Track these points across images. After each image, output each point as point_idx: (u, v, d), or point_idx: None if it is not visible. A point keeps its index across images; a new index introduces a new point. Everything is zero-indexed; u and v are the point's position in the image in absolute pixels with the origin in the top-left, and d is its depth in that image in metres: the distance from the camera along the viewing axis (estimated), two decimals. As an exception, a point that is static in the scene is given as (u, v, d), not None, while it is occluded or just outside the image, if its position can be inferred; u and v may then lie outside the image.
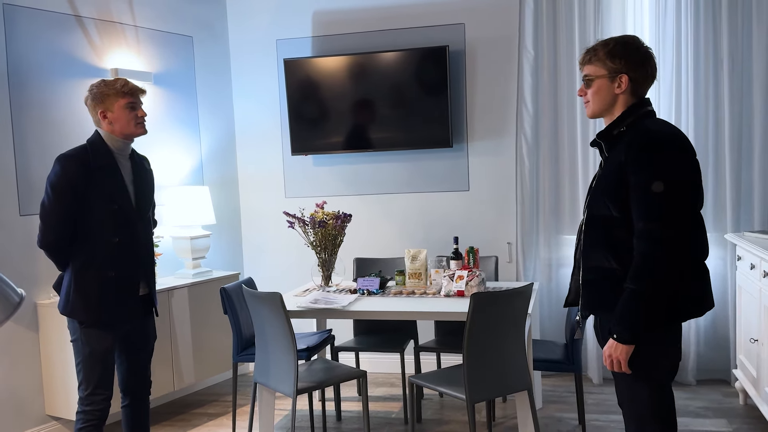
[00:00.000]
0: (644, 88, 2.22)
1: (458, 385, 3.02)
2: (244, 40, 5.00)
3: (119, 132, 2.79)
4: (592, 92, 2.22)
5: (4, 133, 3.61)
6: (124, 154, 2.85)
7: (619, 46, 2.18)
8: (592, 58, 2.21)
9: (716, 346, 4.33)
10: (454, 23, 4.59)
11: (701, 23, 4.14)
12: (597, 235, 2.19)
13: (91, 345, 2.76)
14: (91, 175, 2.71)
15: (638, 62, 2.18)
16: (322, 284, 3.89)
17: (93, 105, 2.78)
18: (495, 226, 4.60)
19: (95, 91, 2.78)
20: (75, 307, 2.75)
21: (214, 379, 4.74)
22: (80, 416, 2.79)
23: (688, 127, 4.20)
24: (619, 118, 2.19)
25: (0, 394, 3.59)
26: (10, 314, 1.28)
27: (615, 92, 2.19)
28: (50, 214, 2.71)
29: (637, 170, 2.06)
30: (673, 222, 2.02)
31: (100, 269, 2.75)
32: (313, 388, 3.28)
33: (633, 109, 2.19)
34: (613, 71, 2.17)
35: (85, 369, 2.78)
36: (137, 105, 2.81)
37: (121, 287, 2.81)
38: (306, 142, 4.79)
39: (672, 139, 2.09)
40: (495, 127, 4.58)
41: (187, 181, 4.64)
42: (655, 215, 2.03)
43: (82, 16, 3.99)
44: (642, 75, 2.18)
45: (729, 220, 4.18)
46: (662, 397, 2.20)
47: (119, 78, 2.85)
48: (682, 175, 2.06)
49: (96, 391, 2.77)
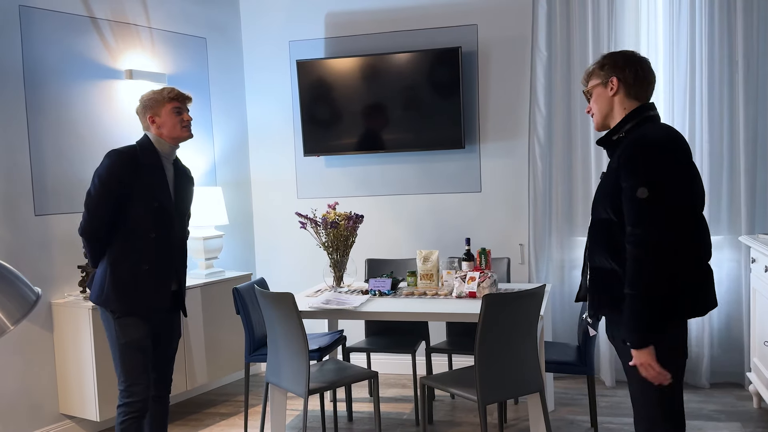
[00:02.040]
0: (641, 92, 2.27)
1: (470, 387, 3.02)
2: (257, 41, 5.02)
3: (167, 135, 2.92)
4: (593, 102, 2.34)
5: (20, 134, 3.65)
6: (169, 158, 2.97)
7: (606, 57, 2.33)
8: (589, 75, 2.35)
9: (730, 348, 4.29)
10: (466, 24, 4.58)
11: (716, 24, 4.12)
12: (598, 237, 2.27)
13: (127, 335, 2.83)
14: (138, 171, 2.83)
15: (623, 64, 2.27)
16: (333, 285, 3.89)
17: (143, 111, 2.93)
18: (507, 228, 4.59)
19: (145, 99, 2.94)
20: (108, 296, 2.82)
21: (227, 379, 4.76)
22: (122, 409, 2.84)
23: (702, 129, 4.17)
24: (619, 124, 2.26)
25: (15, 392, 3.62)
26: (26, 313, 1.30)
27: (609, 95, 2.28)
28: (95, 203, 2.81)
29: (625, 176, 2.12)
30: (657, 227, 2.07)
31: (135, 261, 2.84)
32: (324, 388, 3.29)
33: (632, 114, 2.25)
34: (604, 78, 2.29)
35: (123, 360, 2.83)
36: (183, 109, 2.96)
37: (154, 280, 2.88)
38: (318, 143, 4.81)
39: (660, 144, 2.13)
40: (507, 129, 4.58)
41: (200, 182, 4.66)
42: (639, 220, 2.09)
43: (97, 18, 4.02)
44: (631, 75, 2.25)
45: (744, 222, 4.15)
46: (672, 398, 2.21)
47: (167, 86, 2.99)
48: (667, 180, 2.09)
49: (136, 381, 2.83)
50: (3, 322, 1.26)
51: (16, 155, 3.63)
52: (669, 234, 2.08)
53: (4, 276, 1.32)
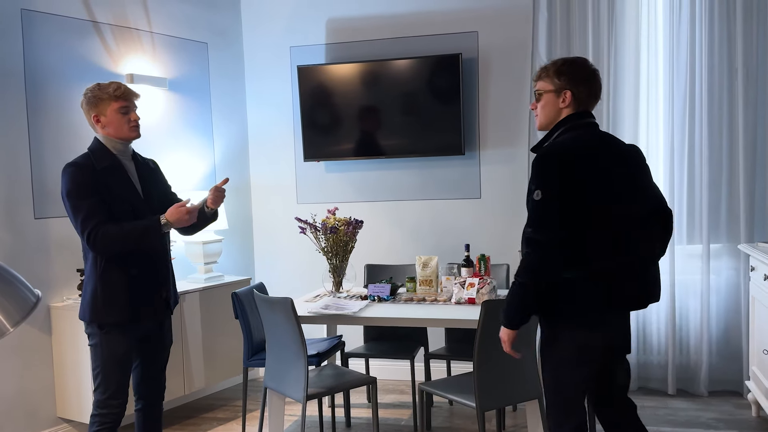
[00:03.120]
0: (587, 105, 2.40)
1: (468, 393, 3.02)
2: (258, 46, 5.04)
3: (114, 135, 2.79)
4: (540, 105, 2.42)
5: (20, 137, 3.65)
6: (125, 155, 2.85)
7: (567, 65, 2.38)
8: (542, 75, 2.42)
9: (729, 356, 4.29)
10: (467, 31, 4.60)
11: (716, 31, 4.13)
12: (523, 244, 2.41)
13: (110, 349, 2.76)
14: (98, 179, 2.71)
15: (581, 80, 2.36)
16: (333, 290, 3.89)
17: (87, 109, 2.79)
18: (506, 234, 4.59)
19: (89, 95, 2.78)
20: (105, 309, 2.73)
21: (225, 384, 4.75)
22: (95, 419, 2.80)
23: (702, 136, 4.18)
24: (551, 131, 2.40)
25: (12, 396, 3.62)
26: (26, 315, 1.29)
27: (560, 106, 2.38)
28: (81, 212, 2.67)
29: (530, 181, 2.31)
30: (547, 226, 2.24)
31: (121, 268, 2.75)
32: (322, 393, 3.28)
33: (565, 121, 2.37)
34: (558, 87, 2.36)
35: (103, 373, 2.78)
36: (130, 109, 2.80)
37: (145, 286, 2.82)
38: (318, 148, 4.81)
39: (559, 153, 2.28)
40: (507, 135, 4.58)
41: (200, 186, 4.66)
42: (532, 220, 2.29)
43: (99, 22, 4.03)
44: (585, 92, 2.37)
45: (743, 230, 4.15)
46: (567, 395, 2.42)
47: (113, 81, 2.82)
48: (560, 184, 2.24)
49: (113, 395, 2.78)
50: (3, 324, 1.26)
51: (17, 158, 3.64)
52: (561, 233, 2.23)
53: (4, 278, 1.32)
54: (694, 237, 4.29)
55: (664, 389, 4.34)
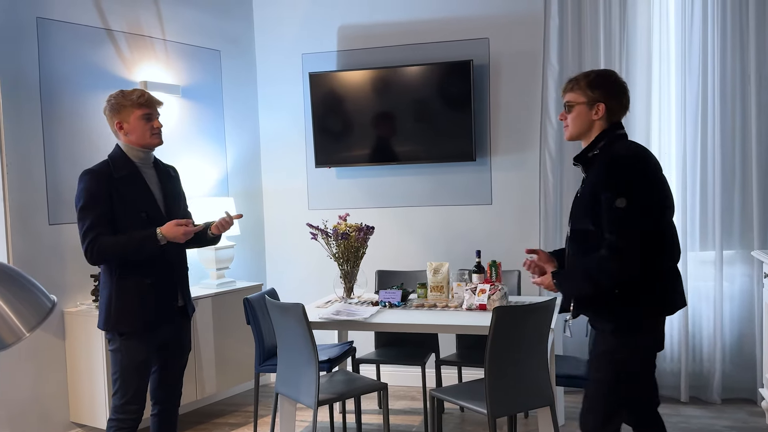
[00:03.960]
0: (618, 117, 2.49)
1: (480, 400, 3.01)
2: (270, 54, 5.07)
3: (136, 142, 2.81)
4: (571, 117, 2.49)
5: (36, 144, 3.69)
6: (146, 163, 2.87)
7: (600, 78, 2.47)
8: (573, 87, 2.49)
9: (742, 364, 4.26)
10: (478, 38, 4.61)
11: (728, 37, 4.12)
12: (579, 246, 2.48)
13: (130, 356, 2.78)
14: (115, 187, 2.73)
15: (615, 93, 2.46)
16: (344, 296, 3.90)
17: (110, 116, 2.81)
18: (518, 241, 4.58)
19: (113, 101, 2.81)
20: (117, 319, 2.76)
21: (236, 389, 4.77)
22: (112, 424, 2.82)
23: (714, 143, 4.16)
24: (593, 142, 2.46)
25: (26, 400, 3.65)
26: (42, 320, 1.31)
27: (592, 118, 2.45)
28: (85, 222, 2.70)
29: (604, 188, 2.34)
30: (629, 233, 2.29)
31: (137, 277, 2.77)
32: (334, 399, 3.29)
33: (606, 133, 2.45)
34: (592, 99, 2.44)
35: (122, 379, 2.79)
36: (153, 116, 2.82)
37: (160, 294, 2.83)
38: (330, 154, 4.83)
39: (633, 161, 2.37)
40: (518, 142, 4.58)
41: (212, 193, 4.69)
42: (614, 227, 2.31)
43: (113, 30, 4.08)
44: (617, 105, 2.46)
45: (756, 236, 4.13)
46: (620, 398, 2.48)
47: (137, 89, 2.86)
48: (641, 193, 2.32)
49: (131, 401, 2.80)
50: (19, 328, 1.28)
51: (32, 165, 3.68)
52: (640, 240, 2.30)
53: (20, 283, 1.34)
54: (707, 243, 4.26)
55: (677, 396, 4.31)
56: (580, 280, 2.44)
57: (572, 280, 2.48)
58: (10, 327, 1.27)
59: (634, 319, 2.40)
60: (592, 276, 2.38)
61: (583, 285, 2.42)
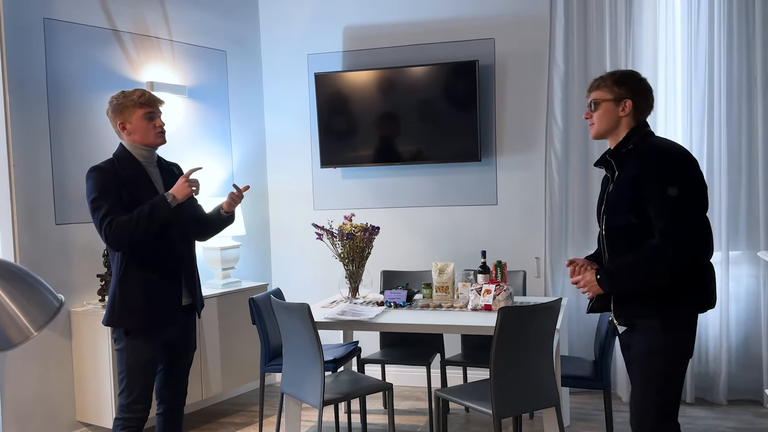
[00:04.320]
0: (644, 115, 2.52)
1: (485, 400, 3.01)
2: (275, 54, 5.08)
3: (140, 142, 2.83)
4: (598, 114, 2.52)
5: (42, 144, 3.71)
6: (151, 162, 2.89)
7: (626, 76, 2.51)
8: (600, 85, 2.52)
9: (748, 365, 4.25)
10: (484, 38, 4.60)
11: (734, 38, 4.11)
12: (621, 243, 2.45)
13: (136, 355, 2.79)
14: (123, 184, 2.76)
15: (641, 91, 2.49)
16: (349, 296, 3.90)
17: (113, 116, 2.83)
18: (523, 241, 4.58)
19: (114, 102, 2.83)
20: (121, 315, 2.77)
21: (242, 389, 4.78)
22: (119, 422, 2.83)
23: (721, 143, 4.15)
24: (626, 138, 2.48)
25: (32, 399, 3.66)
26: (49, 319, 1.31)
27: (619, 115, 2.48)
28: (101, 210, 2.70)
29: (652, 179, 2.34)
30: (684, 223, 2.31)
31: (141, 273, 2.78)
32: (339, 399, 3.29)
33: (636, 129, 2.48)
34: (618, 96, 2.48)
35: (128, 378, 2.80)
36: (155, 115, 2.84)
37: (166, 291, 2.83)
38: (335, 155, 4.84)
39: (679, 153, 2.40)
40: (524, 142, 4.58)
41: (218, 193, 4.70)
42: (668, 217, 2.31)
43: (120, 31, 4.09)
44: (644, 103, 2.50)
45: (762, 237, 4.11)
46: (671, 395, 2.45)
47: (137, 89, 2.88)
48: (689, 183, 2.35)
49: (138, 400, 2.81)
50: (27, 328, 1.28)
51: (39, 165, 3.69)
52: (691, 229, 2.31)
53: (28, 282, 1.35)
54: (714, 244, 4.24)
55: (683, 397, 4.30)
56: (629, 274, 2.39)
57: (620, 275, 2.43)
58: (17, 326, 1.28)
59: (681, 314, 2.39)
60: (644, 267, 2.35)
61: (635, 278, 2.38)
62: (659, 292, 2.38)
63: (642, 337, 2.44)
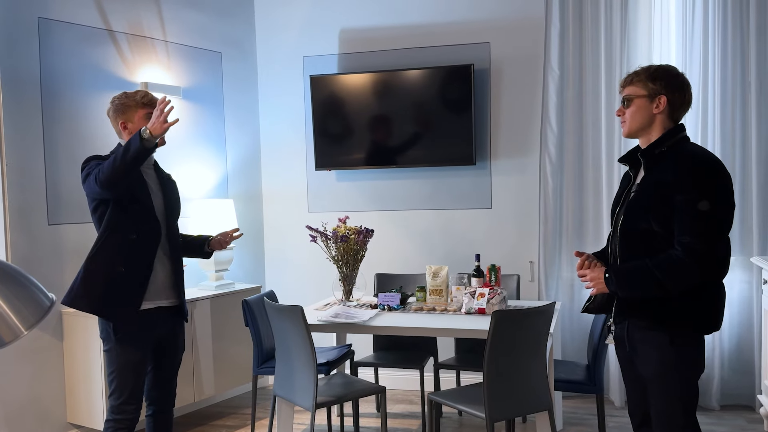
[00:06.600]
0: (680, 113, 2.37)
1: (478, 404, 3.01)
2: (271, 56, 5.07)
3: None
4: (630, 111, 2.37)
5: (35, 144, 3.69)
6: (148, 164, 2.90)
7: (661, 71, 2.34)
8: (633, 80, 2.37)
9: (741, 370, 4.25)
10: (479, 42, 4.61)
11: (729, 44, 4.12)
12: (636, 247, 2.32)
13: (125, 356, 2.77)
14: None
15: (677, 86, 2.33)
16: (343, 299, 3.90)
17: (114, 116, 2.85)
18: (517, 245, 4.59)
19: (117, 102, 2.85)
20: (77, 295, 2.77)
21: (234, 392, 4.76)
22: (110, 424, 2.81)
23: (714, 149, 4.16)
24: (661, 139, 2.33)
25: (23, 401, 3.64)
26: (41, 318, 1.30)
27: (653, 112, 2.33)
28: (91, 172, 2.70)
29: (686, 189, 2.20)
30: (711, 239, 2.18)
31: (110, 261, 2.76)
32: (332, 402, 3.28)
33: (672, 132, 2.33)
34: (653, 92, 2.32)
35: (118, 379, 2.79)
36: None
37: (129, 286, 2.78)
38: (330, 157, 4.83)
39: (717, 165, 2.25)
40: (519, 146, 4.59)
41: (212, 194, 4.69)
42: (695, 231, 2.18)
43: (114, 31, 4.08)
44: (679, 99, 2.33)
45: (755, 242, 4.13)
46: (692, 409, 2.35)
47: (140, 90, 2.90)
48: (725, 199, 2.23)
49: (128, 401, 2.79)
50: (17, 326, 1.27)
51: (32, 165, 3.68)
52: (720, 247, 2.20)
53: (18, 281, 1.34)
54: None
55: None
56: (640, 280, 2.26)
57: (631, 279, 2.29)
58: (8, 325, 1.27)
59: (691, 331, 2.29)
60: (659, 278, 2.21)
61: (646, 285, 2.24)
62: (664, 303, 2.26)
63: (651, 355, 2.32)
